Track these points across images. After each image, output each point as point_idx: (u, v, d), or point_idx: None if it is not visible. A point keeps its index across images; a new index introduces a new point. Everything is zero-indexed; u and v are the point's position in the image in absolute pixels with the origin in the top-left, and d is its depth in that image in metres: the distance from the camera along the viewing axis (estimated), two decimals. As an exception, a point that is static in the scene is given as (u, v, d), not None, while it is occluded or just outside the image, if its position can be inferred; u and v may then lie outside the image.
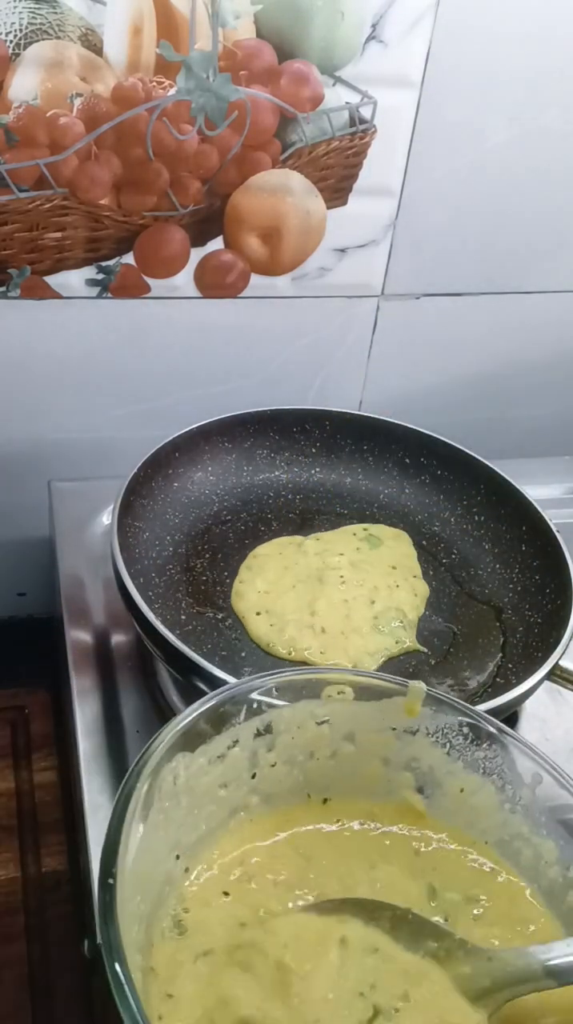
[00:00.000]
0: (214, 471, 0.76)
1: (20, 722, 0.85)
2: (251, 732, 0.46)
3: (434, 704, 0.47)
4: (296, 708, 0.47)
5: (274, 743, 0.47)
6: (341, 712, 0.48)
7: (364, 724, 0.48)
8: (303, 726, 0.48)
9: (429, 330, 0.84)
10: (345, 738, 0.49)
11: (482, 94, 0.72)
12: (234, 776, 0.47)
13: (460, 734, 0.48)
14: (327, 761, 0.49)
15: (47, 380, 0.78)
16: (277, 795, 0.48)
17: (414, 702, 0.47)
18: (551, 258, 0.83)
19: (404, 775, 0.49)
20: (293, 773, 0.48)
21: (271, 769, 0.48)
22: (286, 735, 0.48)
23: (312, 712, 0.48)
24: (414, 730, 0.48)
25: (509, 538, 0.72)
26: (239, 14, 0.64)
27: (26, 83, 0.64)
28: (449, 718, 0.48)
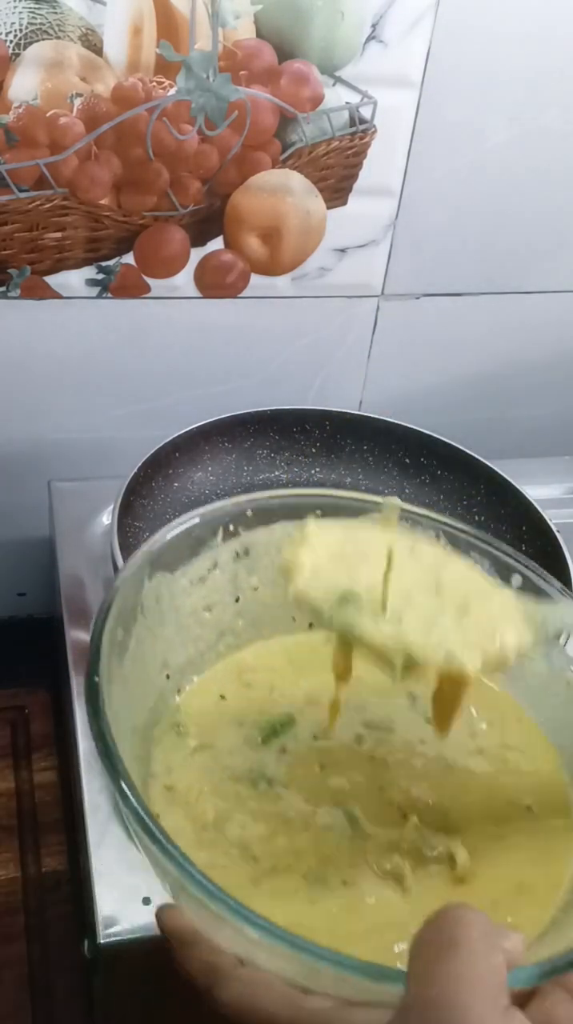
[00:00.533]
0: (214, 471, 0.76)
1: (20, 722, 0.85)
2: (230, 554, 0.46)
3: (410, 518, 0.47)
4: (273, 530, 0.46)
5: (254, 566, 0.47)
6: (318, 531, 0.47)
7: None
8: (279, 548, 0.47)
9: (429, 330, 0.84)
10: None
11: (482, 94, 0.72)
12: (218, 599, 0.46)
13: (438, 545, 0.47)
14: None
15: (47, 380, 0.78)
16: (263, 619, 0.48)
17: (390, 517, 0.46)
18: (551, 258, 0.83)
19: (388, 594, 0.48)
20: (276, 595, 0.47)
21: (254, 592, 0.47)
22: (266, 557, 0.47)
23: (289, 533, 0.46)
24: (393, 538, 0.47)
25: (509, 538, 0.72)
26: (239, 14, 0.64)
27: (26, 83, 0.64)
28: (426, 531, 0.47)
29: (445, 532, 0.47)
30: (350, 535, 0.44)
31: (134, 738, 0.40)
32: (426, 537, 0.46)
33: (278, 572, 0.45)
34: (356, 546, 0.44)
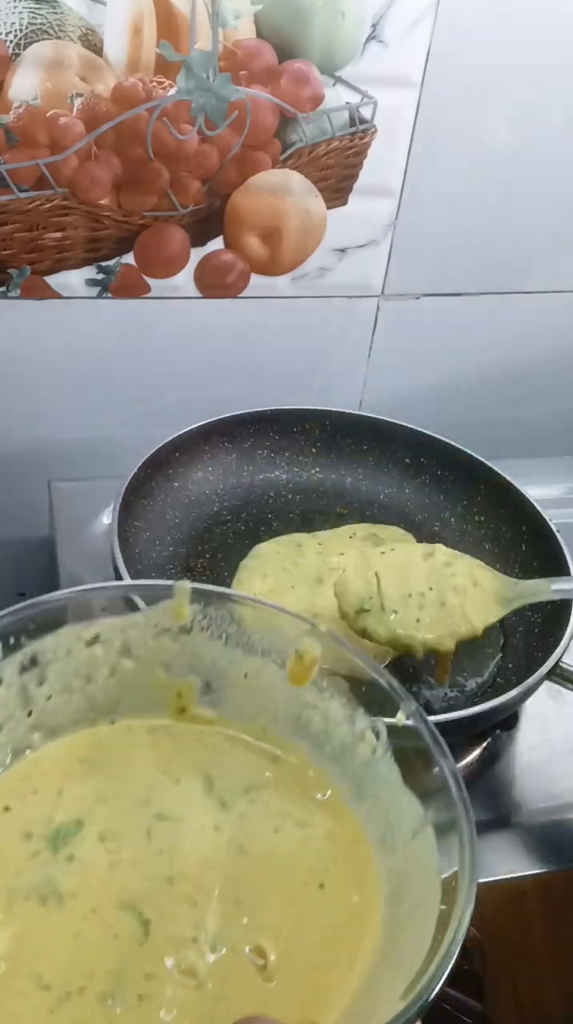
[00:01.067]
0: (214, 471, 0.76)
1: (20, 722, 0.85)
2: (15, 669, 0.44)
3: (201, 599, 0.46)
4: (59, 634, 0.45)
5: (44, 674, 0.45)
6: (110, 627, 0.46)
7: (137, 634, 0.47)
8: (72, 650, 0.46)
9: (429, 330, 0.84)
10: (120, 653, 0.47)
11: (482, 94, 0.72)
12: (7, 716, 0.45)
13: (233, 622, 0.47)
14: (107, 681, 0.47)
15: (47, 380, 0.78)
16: (61, 726, 0.46)
17: (182, 603, 0.46)
18: (551, 258, 0.83)
19: (189, 678, 0.47)
20: (73, 700, 0.46)
21: (48, 702, 0.46)
22: (56, 664, 0.45)
23: (78, 635, 0.46)
24: (188, 628, 0.47)
25: (509, 538, 0.72)
26: (239, 14, 0.64)
27: (26, 83, 0.64)
28: (219, 609, 0.46)
29: (232, 609, 0.47)
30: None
31: None
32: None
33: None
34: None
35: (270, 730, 0.47)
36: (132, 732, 0.47)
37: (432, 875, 0.37)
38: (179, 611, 0.46)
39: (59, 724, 0.47)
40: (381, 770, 0.43)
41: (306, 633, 0.45)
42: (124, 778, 0.45)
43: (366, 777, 0.44)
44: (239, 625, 0.47)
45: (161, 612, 0.46)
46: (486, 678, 0.64)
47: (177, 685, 0.48)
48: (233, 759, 0.47)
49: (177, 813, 0.44)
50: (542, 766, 0.63)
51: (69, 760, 0.46)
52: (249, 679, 0.47)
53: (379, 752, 0.43)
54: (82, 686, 0.47)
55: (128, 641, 0.47)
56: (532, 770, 0.63)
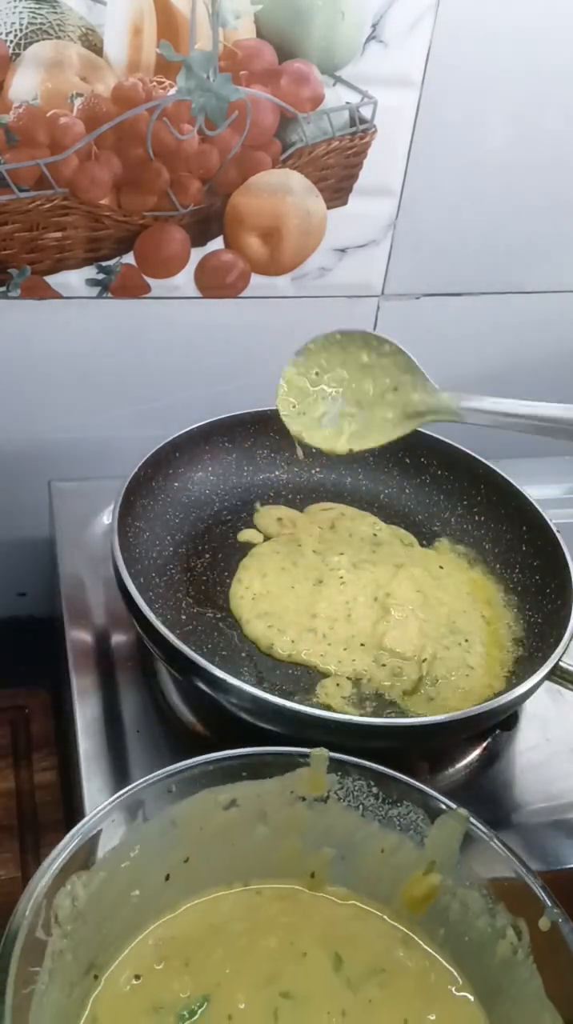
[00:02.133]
0: (214, 471, 0.76)
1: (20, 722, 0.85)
2: (154, 832, 0.45)
3: (339, 769, 0.47)
4: (196, 799, 0.46)
5: (182, 837, 0.46)
6: (246, 792, 0.46)
7: (272, 801, 0.47)
8: (209, 815, 0.46)
9: (429, 330, 0.84)
10: (256, 819, 0.47)
11: (482, 94, 0.72)
12: (145, 879, 0.45)
13: (370, 794, 0.47)
14: (242, 846, 0.47)
15: (47, 380, 0.78)
16: (196, 888, 0.47)
17: (318, 772, 0.46)
18: (551, 258, 0.83)
19: (323, 850, 0.48)
20: (208, 864, 0.47)
21: (184, 865, 0.46)
22: (193, 827, 0.46)
23: (215, 800, 0.46)
24: (325, 797, 0.47)
25: (509, 538, 0.72)
26: (239, 14, 0.64)
27: (26, 83, 0.64)
28: (357, 780, 0.47)
29: (375, 779, 0.47)
30: None
31: None
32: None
33: None
34: None
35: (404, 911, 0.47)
36: (262, 897, 0.48)
37: None
38: (316, 780, 0.47)
39: (193, 887, 0.47)
40: (521, 974, 0.42)
41: (448, 815, 0.45)
42: (252, 949, 0.45)
43: (505, 979, 0.43)
44: (377, 798, 0.47)
45: (297, 779, 0.47)
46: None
47: (311, 856, 0.48)
48: (364, 935, 0.46)
49: (304, 992, 0.44)
50: (542, 766, 0.63)
51: (199, 926, 0.46)
52: (385, 855, 0.47)
53: (521, 955, 0.42)
54: (218, 850, 0.47)
55: (263, 807, 0.47)
56: (532, 770, 0.63)
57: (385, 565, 0.70)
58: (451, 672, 0.63)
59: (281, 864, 0.48)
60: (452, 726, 0.55)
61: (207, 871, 0.47)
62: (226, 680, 0.54)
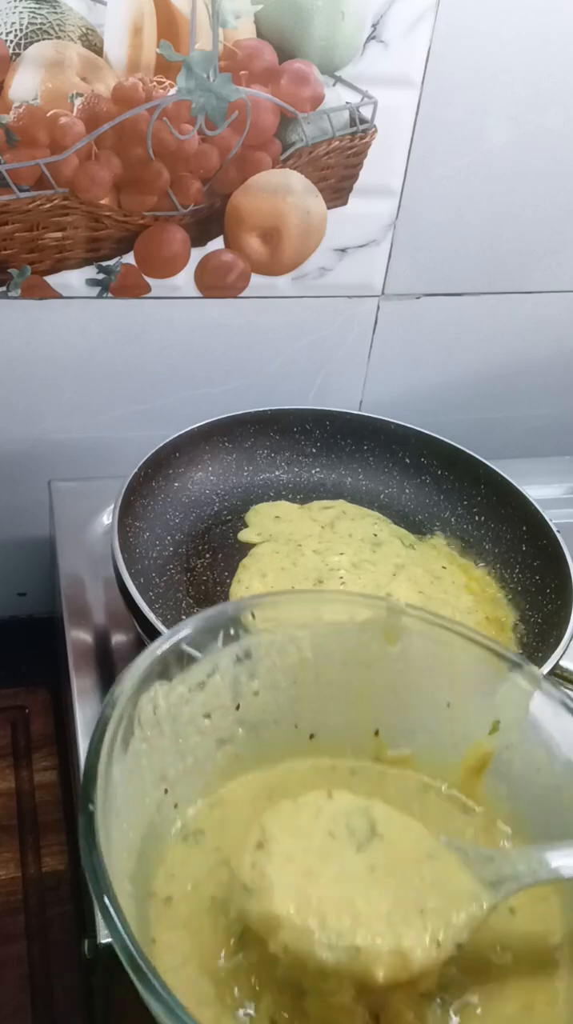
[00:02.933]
0: (214, 471, 0.76)
1: (20, 722, 0.85)
2: (230, 658, 0.45)
3: (413, 618, 0.46)
4: (276, 633, 0.46)
5: (255, 669, 0.46)
6: (325, 634, 0.47)
7: (350, 645, 0.47)
8: (284, 651, 0.46)
9: (429, 330, 0.85)
10: (329, 660, 0.47)
11: (482, 94, 0.72)
12: (217, 705, 0.45)
13: (442, 644, 0.46)
14: (312, 686, 0.47)
15: (47, 380, 0.78)
16: (263, 724, 0.47)
17: (393, 623, 0.46)
18: (551, 258, 0.83)
19: (390, 700, 0.47)
20: (278, 701, 0.47)
21: (255, 697, 0.46)
22: (267, 660, 0.46)
23: (293, 636, 0.46)
24: (396, 642, 0.47)
25: (509, 538, 0.72)
26: (239, 14, 0.64)
27: (26, 83, 0.64)
28: (430, 628, 0.46)
29: (445, 629, 0.47)
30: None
31: (130, 860, 0.39)
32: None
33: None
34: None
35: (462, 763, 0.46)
36: (336, 771, 0.47)
37: None
38: (391, 631, 0.46)
39: (261, 721, 0.47)
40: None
41: (521, 671, 0.45)
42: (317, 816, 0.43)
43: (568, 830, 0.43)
44: (445, 648, 0.46)
45: (374, 627, 0.46)
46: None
47: (379, 705, 0.47)
48: (426, 809, 0.46)
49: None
50: (542, 766, 0.63)
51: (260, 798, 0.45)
52: (451, 709, 0.47)
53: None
54: (288, 687, 0.47)
55: (338, 650, 0.47)
56: (532, 770, 0.63)
57: (385, 565, 0.70)
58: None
59: (347, 711, 0.48)
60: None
61: (276, 709, 0.47)
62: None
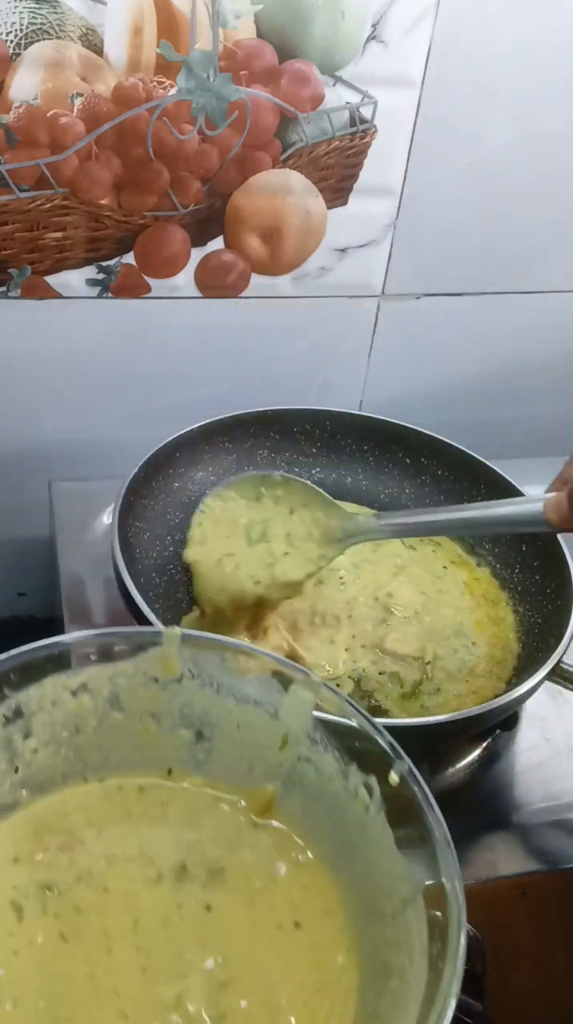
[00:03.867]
0: (214, 471, 0.76)
1: (20, 722, 0.85)
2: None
3: (191, 646, 0.46)
4: (44, 684, 0.44)
5: (29, 726, 0.44)
6: (97, 676, 0.45)
7: (125, 683, 0.46)
8: (59, 701, 0.45)
9: (429, 330, 0.84)
10: (108, 703, 0.46)
11: (482, 94, 0.72)
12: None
13: (223, 669, 0.46)
14: (96, 733, 0.46)
15: (47, 380, 0.78)
16: (50, 781, 0.45)
17: (171, 652, 0.45)
18: (551, 258, 0.83)
19: (179, 734, 0.47)
20: (61, 752, 0.45)
21: (34, 755, 0.45)
22: (41, 714, 0.44)
23: (64, 684, 0.44)
24: (179, 678, 0.46)
25: (509, 538, 0.72)
26: (239, 14, 0.64)
27: (27, 83, 0.64)
28: (210, 655, 0.46)
29: (228, 653, 0.46)
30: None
31: None
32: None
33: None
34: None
35: (259, 783, 0.46)
36: (123, 790, 0.46)
37: (422, 950, 0.37)
38: (169, 660, 0.45)
39: (47, 779, 0.45)
40: (374, 831, 0.42)
41: (300, 682, 0.44)
42: (106, 851, 0.44)
43: (360, 839, 0.43)
44: (231, 674, 0.46)
45: (150, 660, 0.45)
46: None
47: (167, 739, 0.47)
48: (215, 825, 0.46)
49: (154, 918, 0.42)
50: (542, 766, 0.63)
51: (55, 825, 0.44)
52: (241, 730, 0.47)
53: (372, 811, 0.42)
54: (70, 738, 0.45)
55: (116, 690, 0.46)
56: (532, 770, 0.63)
57: (386, 565, 0.70)
58: (452, 673, 0.63)
59: (137, 753, 0.47)
60: (452, 726, 0.55)
61: (60, 763, 0.45)
62: (226, 680, 0.54)
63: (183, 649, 0.46)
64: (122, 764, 0.47)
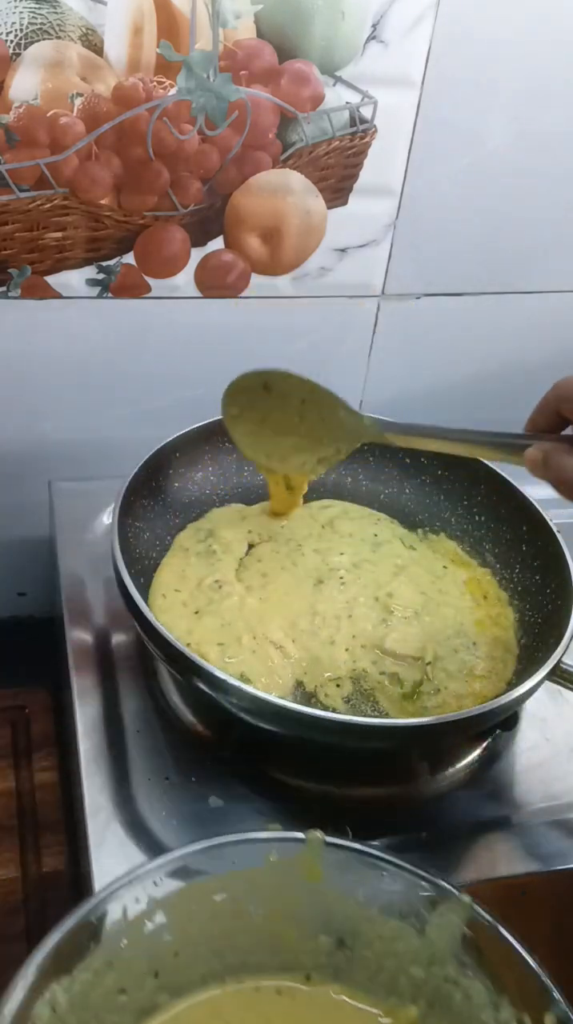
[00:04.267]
0: (214, 471, 0.76)
1: (20, 722, 0.85)
2: (140, 928, 0.42)
3: (335, 852, 0.44)
4: (189, 888, 0.43)
5: (171, 929, 0.43)
6: (239, 878, 0.44)
7: (266, 886, 0.45)
8: (200, 904, 0.44)
9: (429, 330, 0.84)
10: (249, 905, 0.45)
11: (482, 94, 0.72)
12: (133, 979, 0.42)
13: (368, 879, 0.44)
14: (236, 935, 0.45)
15: (47, 380, 0.78)
16: (188, 984, 0.44)
17: (314, 857, 0.44)
18: (551, 258, 0.83)
19: (320, 940, 0.46)
20: (201, 955, 0.44)
21: (175, 959, 0.44)
22: (183, 917, 0.43)
23: (206, 887, 0.44)
24: (321, 883, 0.45)
25: (509, 538, 0.72)
26: (240, 14, 0.64)
27: (27, 83, 0.64)
28: (354, 863, 0.44)
29: (375, 863, 0.45)
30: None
31: None
32: None
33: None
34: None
35: (403, 1000, 0.44)
36: (260, 995, 0.45)
37: None
38: (311, 865, 0.44)
39: (187, 982, 0.44)
40: None
41: (450, 901, 0.42)
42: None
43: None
44: (377, 883, 0.44)
45: (292, 864, 0.44)
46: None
47: (306, 945, 0.45)
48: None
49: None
50: (542, 766, 0.63)
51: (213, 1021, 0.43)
52: (385, 943, 0.45)
53: None
54: (210, 941, 0.45)
55: (257, 892, 0.45)
56: (532, 770, 0.63)
57: (386, 565, 0.70)
58: (452, 673, 0.63)
59: (275, 956, 0.46)
60: (452, 726, 0.55)
61: (199, 965, 0.45)
62: (226, 680, 0.54)
63: (326, 855, 0.45)
64: (260, 967, 0.46)
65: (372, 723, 0.56)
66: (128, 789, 0.58)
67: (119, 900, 0.42)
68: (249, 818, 0.57)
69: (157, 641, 0.57)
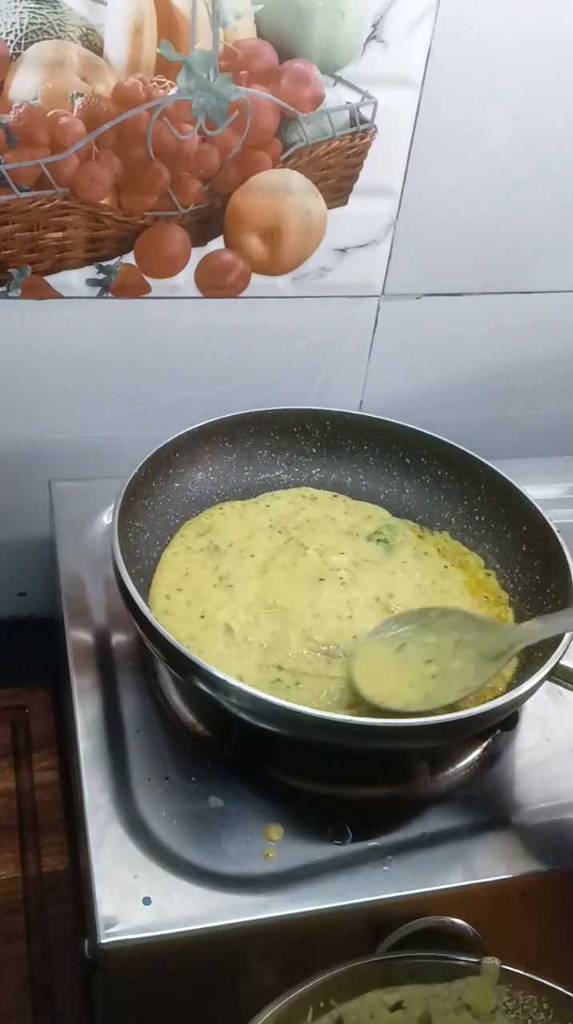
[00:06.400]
0: (214, 471, 0.76)
1: (20, 722, 0.85)
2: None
3: (509, 981, 0.45)
4: (365, 999, 0.45)
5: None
6: (413, 995, 0.46)
7: (439, 1006, 0.46)
8: (375, 1015, 0.45)
9: (429, 330, 0.85)
10: (420, 1022, 0.46)
11: (482, 94, 0.72)
12: None
13: (541, 1011, 0.45)
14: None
15: (47, 380, 0.78)
16: None
17: (488, 984, 0.45)
18: (551, 258, 0.83)
19: None
20: None
21: None
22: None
23: (382, 1000, 0.45)
24: (493, 1009, 0.46)
25: (509, 538, 0.72)
26: (240, 14, 0.64)
27: (27, 83, 0.64)
28: (528, 995, 0.45)
29: (547, 996, 0.45)
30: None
31: None
32: None
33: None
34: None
35: None
36: None
37: None
38: (484, 992, 0.45)
39: None
40: None
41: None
42: None
43: None
44: (548, 1016, 0.45)
45: (465, 988, 0.45)
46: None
47: None
48: None
49: None
50: (542, 766, 0.63)
51: None
52: None
53: None
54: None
55: (429, 1010, 0.46)
56: (532, 770, 0.63)
57: (386, 565, 0.70)
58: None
59: None
60: (452, 726, 0.55)
61: None
62: (226, 680, 0.54)
63: (501, 983, 0.45)
64: None
65: (372, 723, 0.56)
66: (128, 789, 0.58)
67: (310, 1002, 0.44)
68: (249, 818, 0.57)
69: (157, 641, 0.57)
